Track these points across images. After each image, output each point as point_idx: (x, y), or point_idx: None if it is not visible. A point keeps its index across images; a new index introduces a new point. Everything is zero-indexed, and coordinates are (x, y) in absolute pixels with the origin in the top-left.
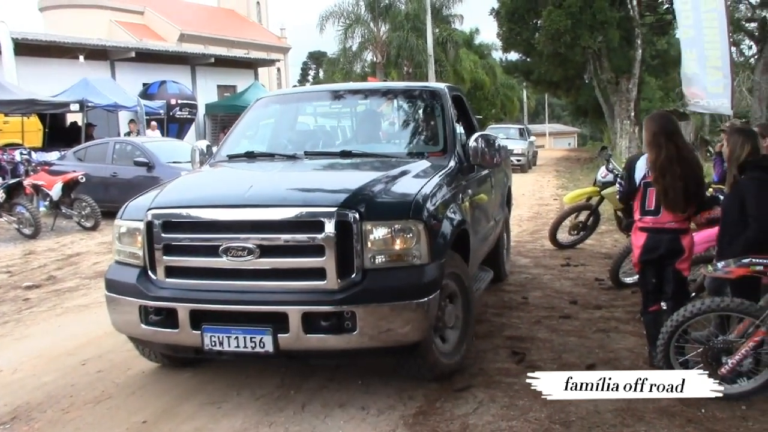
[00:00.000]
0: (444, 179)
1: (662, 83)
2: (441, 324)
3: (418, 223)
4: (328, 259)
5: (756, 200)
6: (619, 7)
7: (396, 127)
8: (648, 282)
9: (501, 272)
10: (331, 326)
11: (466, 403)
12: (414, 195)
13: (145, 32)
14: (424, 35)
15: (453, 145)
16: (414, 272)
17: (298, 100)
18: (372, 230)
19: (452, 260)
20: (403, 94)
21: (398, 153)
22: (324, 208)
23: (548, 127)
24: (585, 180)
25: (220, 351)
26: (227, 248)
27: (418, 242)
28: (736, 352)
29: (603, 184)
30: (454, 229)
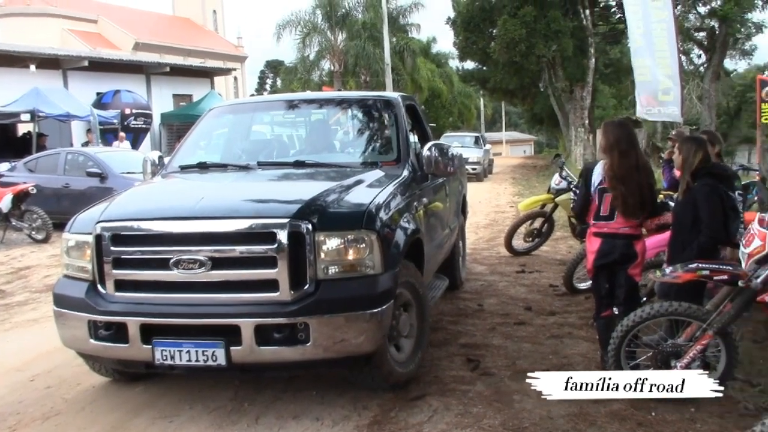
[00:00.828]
0: (397, 189)
1: (615, 91)
2: (395, 333)
3: (371, 233)
4: (280, 270)
5: (708, 207)
6: (572, 17)
7: (350, 136)
8: (601, 287)
9: (457, 280)
10: (284, 338)
11: (420, 412)
12: (367, 205)
13: (98, 41)
14: (382, 44)
15: (407, 154)
16: (367, 282)
17: (252, 110)
18: (325, 241)
19: (406, 269)
20: (357, 103)
21: (352, 163)
22: (276, 219)
23: (505, 134)
24: (541, 187)
25: (171, 365)
26: (178, 261)
27: (371, 252)
28: (684, 356)
29: (557, 191)
30: (408, 238)
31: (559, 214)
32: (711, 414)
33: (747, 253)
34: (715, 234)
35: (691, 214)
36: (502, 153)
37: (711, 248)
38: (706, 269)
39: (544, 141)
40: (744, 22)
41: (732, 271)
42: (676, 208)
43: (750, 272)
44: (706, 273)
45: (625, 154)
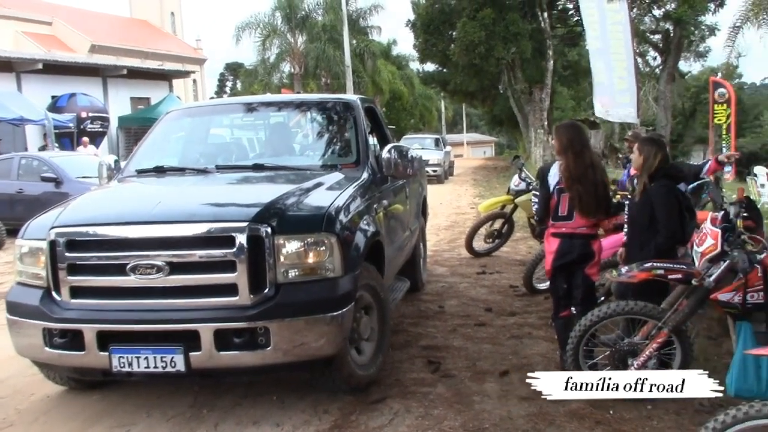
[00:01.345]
0: (357, 191)
1: (574, 93)
2: (356, 336)
3: (331, 235)
4: (240, 274)
5: (665, 207)
6: (530, 20)
7: (309, 139)
8: (559, 287)
9: (418, 282)
10: (244, 343)
11: (381, 415)
12: (326, 208)
13: (53, 43)
14: (342, 46)
15: (366, 156)
16: (327, 285)
17: (210, 113)
18: (284, 244)
19: (366, 272)
20: (316, 106)
21: (311, 165)
22: (235, 223)
23: (466, 136)
24: (501, 188)
25: (129, 372)
26: (135, 266)
27: (331, 255)
28: (640, 354)
29: (516, 192)
30: (368, 240)
31: (519, 215)
32: (667, 411)
33: (700, 252)
34: (672, 234)
35: (648, 215)
36: (463, 155)
37: (668, 248)
38: (660, 268)
39: (505, 142)
40: (697, 24)
41: (686, 270)
42: (633, 208)
43: (703, 271)
44: (660, 272)
45: (580, 154)
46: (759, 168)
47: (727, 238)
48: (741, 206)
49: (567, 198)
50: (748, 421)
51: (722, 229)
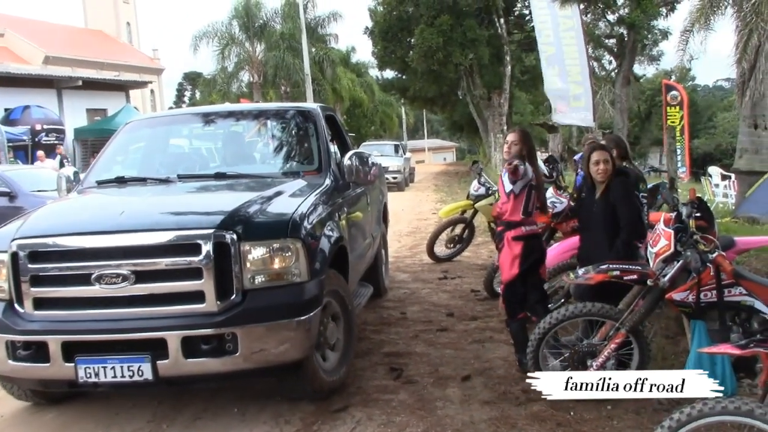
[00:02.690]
0: (320, 197)
1: (532, 97)
2: (323, 341)
3: (296, 241)
4: (206, 281)
5: (626, 204)
6: (488, 26)
7: (270, 147)
8: (518, 290)
9: (381, 288)
10: (211, 349)
11: (343, 424)
12: (291, 213)
13: (5, 55)
14: (301, 54)
15: (328, 163)
16: (294, 290)
17: (170, 123)
18: (250, 250)
19: (331, 278)
20: (276, 115)
21: (273, 173)
22: (200, 231)
23: (428, 142)
24: (462, 193)
25: (95, 383)
26: (100, 276)
27: (297, 260)
28: (599, 355)
29: (476, 197)
30: (332, 246)
31: (479, 220)
32: (627, 410)
33: (654, 252)
34: (635, 229)
35: (611, 214)
36: (425, 160)
37: (630, 245)
38: (616, 269)
39: (466, 147)
40: (650, 29)
41: (641, 271)
42: (594, 211)
43: (658, 271)
44: (616, 273)
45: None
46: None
47: (680, 238)
48: (693, 207)
49: (529, 196)
50: (702, 418)
51: (675, 230)
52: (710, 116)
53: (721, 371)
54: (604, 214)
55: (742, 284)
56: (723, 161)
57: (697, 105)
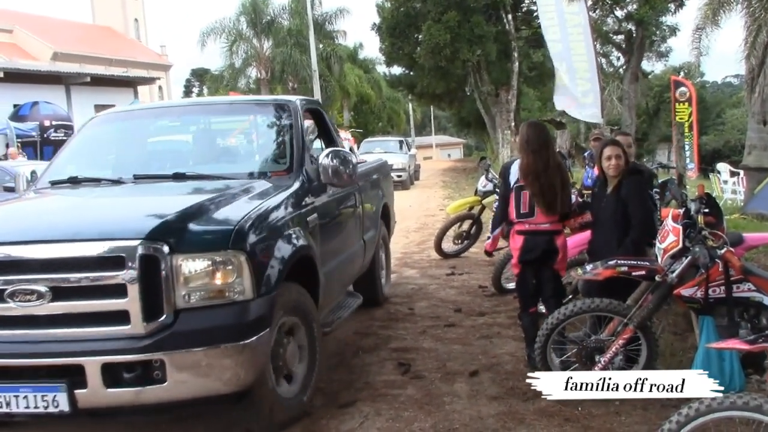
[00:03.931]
0: (283, 201)
1: (540, 94)
2: (281, 364)
3: (240, 253)
4: (131, 300)
5: (639, 202)
6: (495, 22)
7: (240, 144)
8: (528, 284)
9: (378, 295)
10: (136, 378)
11: (351, 419)
12: (237, 222)
13: (15, 51)
14: (308, 51)
15: (300, 163)
16: (236, 310)
17: (135, 118)
18: (184, 264)
19: (291, 292)
20: (248, 109)
21: (238, 173)
22: (126, 242)
23: (435, 138)
24: (470, 190)
25: (8, 413)
26: (14, 292)
27: (240, 276)
28: (607, 351)
29: (483, 193)
30: (292, 257)
31: (487, 216)
32: (635, 406)
33: (662, 248)
34: (647, 228)
35: (623, 211)
36: (432, 157)
37: (641, 243)
38: (624, 265)
39: (473, 144)
40: (659, 25)
41: (649, 267)
42: (605, 207)
43: (666, 267)
44: (624, 269)
45: (540, 151)
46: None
47: (688, 234)
48: (701, 203)
49: (527, 195)
50: (711, 413)
51: (683, 226)
52: (719, 113)
53: (730, 367)
54: (614, 211)
55: (750, 280)
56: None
57: (705, 101)
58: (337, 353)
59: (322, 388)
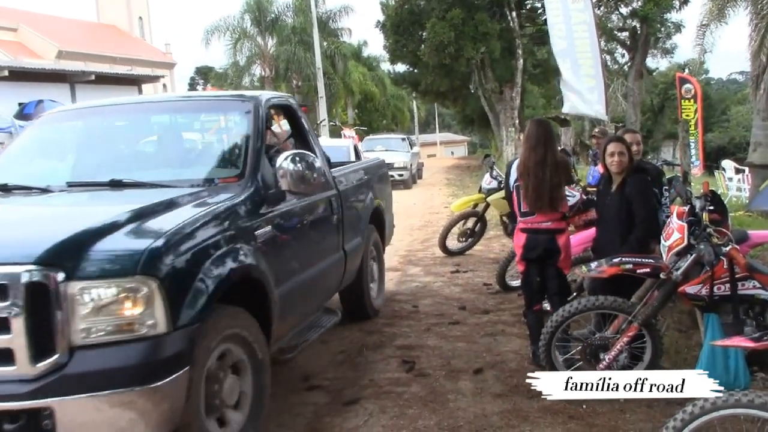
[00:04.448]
0: (224, 213)
1: (544, 91)
2: (218, 403)
3: (150, 280)
4: (16, 336)
5: (643, 201)
6: (499, 19)
7: (189, 147)
8: (532, 281)
9: (366, 309)
10: (20, 429)
11: (355, 416)
12: (151, 241)
13: (19, 50)
14: (312, 49)
15: (255, 168)
16: (145, 347)
17: (81, 117)
18: (83, 293)
19: (230, 318)
20: (201, 106)
21: (181, 180)
22: (10, 267)
23: (439, 136)
24: (474, 187)
25: None
26: None
27: (151, 306)
28: (612, 348)
29: (488, 191)
30: (227, 278)
31: (491, 214)
32: (639, 404)
33: (667, 245)
34: (651, 227)
35: (627, 210)
36: (436, 154)
37: (645, 242)
38: (629, 263)
39: (478, 141)
40: (663, 21)
41: (654, 264)
42: (609, 205)
43: (671, 264)
44: (629, 267)
45: (533, 149)
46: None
47: (693, 231)
48: (706, 200)
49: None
50: (716, 411)
51: (688, 223)
52: (724, 110)
53: (735, 364)
54: (618, 209)
55: (755, 277)
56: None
57: (710, 98)
58: (341, 351)
59: (326, 386)
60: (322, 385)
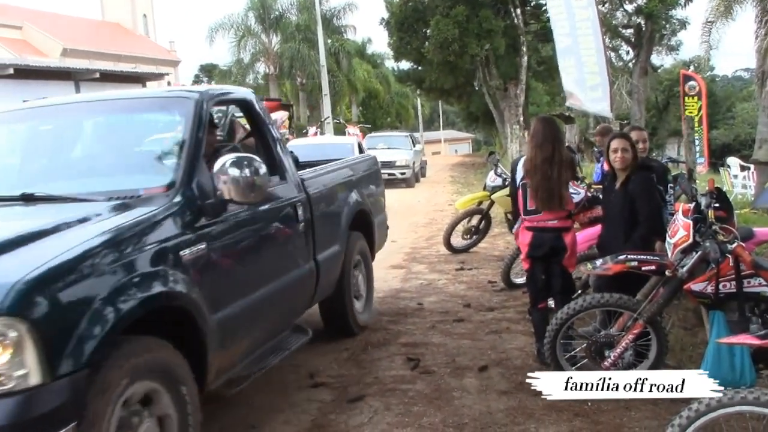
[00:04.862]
0: (136, 232)
1: (549, 88)
2: None
3: (20, 321)
4: None
5: (646, 199)
6: (504, 16)
7: (117, 153)
8: (537, 279)
9: (349, 325)
10: None
11: (360, 414)
12: (22, 276)
13: (24, 48)
14: (316, 46)
15: (189, 176)
16: (14, 403)
17: (6, 122)
18: None
19: (144, 355)
20: (135, 106)
21: (100, 192)
22: None
23: (443, 133)
24: (479, 185)
25: None
26: None
27: (21, 352)
28: (617, 345)
29: (492, 188)
30: (132, 311)
31: (496, 211)
32: (644, 401)
33: (672, 243)
34: (653, 225)
35: (630, 207)
36: (441, 152)
37: (648, 240)
38: (634, 260)
39: (482, 139)
40: (668, 18)
41: (659, 262)
42: (612, 202)
43: (676, 262)
44: (634, 264)
45: (540, 146)
46: (732, 159)
47: (698, 229)
48: (712, 197)
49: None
50: (721, 409)
51: (694, 220)
52: (729, 107)
53: (740, 362)
54: (621, 206)
55: (761, 275)
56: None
57: (715, 95)
58: (345, 348)
59: (330, 383)
60: (326, 383)
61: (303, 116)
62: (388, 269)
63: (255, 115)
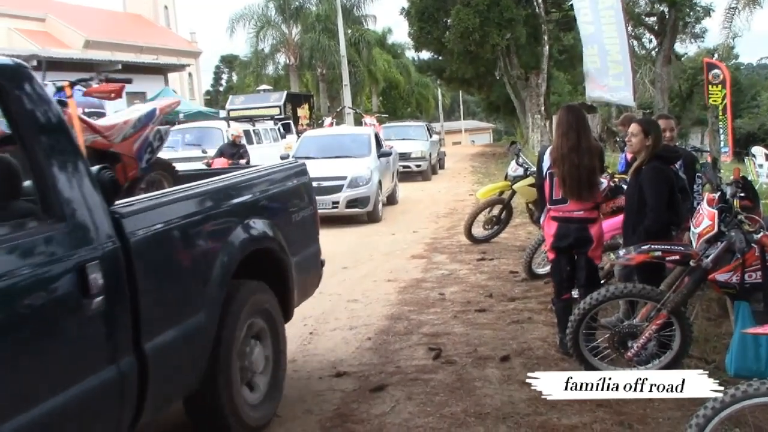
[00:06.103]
0: None
1: (570, 77)
2: None
3: None
4: None
5: (652, 189)
6: (525, 5)
7: None
8: (562, 270)
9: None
10: None
11: (383, 403)
12: None
13: (47, 40)
14: (337, 36)
15: None
16: None
17: None
18: None
19: None
20: None
21: None
22: None
23: (464, 123)
24: (500, 175)
25: None
26: None
27: None
28: (640, 336)
29: (514, 178)
30: None
31: (517, 201)
32: None
33: (697, 232)
34: (659, 217)
35: (638, 197)
36: (461, 142)
37: (659, 231)
38: (658, 250)
39: (503, 129)
40: (692, 6)
41: (683, 251)
42: (627, 191)
43: (701, 252)
44: (658, 254)
45: (565, 134)
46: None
47: (723, 218)
48: (737, 186)
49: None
50: (746, 399)
51: (719, 210)
52: (754, 95)
53: (766, 353)
54: (631, 194)
55: None
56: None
57: (740, 84)
58: (368, 338)
59: (353, 372)
60: (349, 372)
61: (323, 107)
62: (409, 259)
63: (17, 105)
